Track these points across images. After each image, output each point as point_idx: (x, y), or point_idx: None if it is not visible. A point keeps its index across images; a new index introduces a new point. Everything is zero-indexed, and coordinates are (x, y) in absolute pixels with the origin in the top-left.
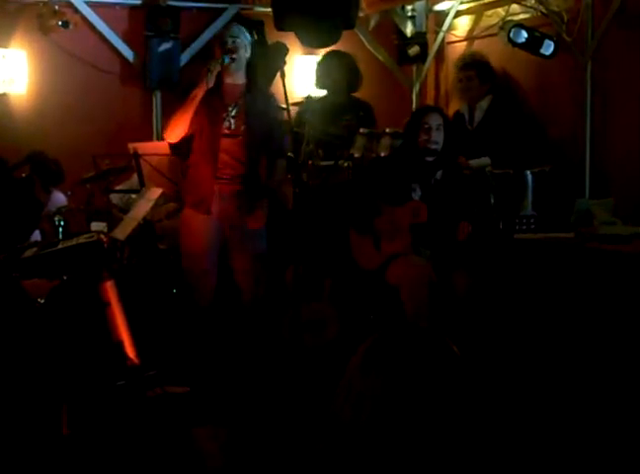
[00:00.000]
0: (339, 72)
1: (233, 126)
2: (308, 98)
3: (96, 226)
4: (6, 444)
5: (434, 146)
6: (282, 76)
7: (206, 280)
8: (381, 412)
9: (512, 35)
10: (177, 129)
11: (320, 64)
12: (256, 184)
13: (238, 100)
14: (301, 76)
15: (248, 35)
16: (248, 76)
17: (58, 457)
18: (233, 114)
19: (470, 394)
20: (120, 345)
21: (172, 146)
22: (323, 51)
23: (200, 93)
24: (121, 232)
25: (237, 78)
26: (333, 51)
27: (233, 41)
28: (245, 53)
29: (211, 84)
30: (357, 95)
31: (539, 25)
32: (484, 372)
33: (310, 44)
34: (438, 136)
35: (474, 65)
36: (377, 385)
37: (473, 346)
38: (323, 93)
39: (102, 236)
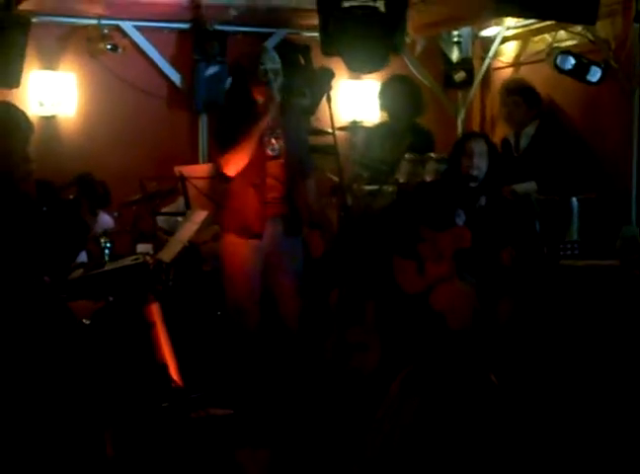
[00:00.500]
0: (402, 97)
1: (276, 149)
2: (353, 123)
3: (142, 248)
4: (52, 466)
5: (475, 172)
6: (329, 100)
7: (253, 305)
8: (413, 441)
9: (558, 61)
10: (240, 163)
11: (384, 87)
12: (295, 205)
13: (276, 122)
14: (347, 101)
15: (277, 57)
16: (282, 98)
17: None
18: (273, 136)
19: (507, 425)
20: (164, 367)
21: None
22: (370, 76)
23: (262, 125)
24: (167, 254)
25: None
26: (397, 75)
27: (273, 69)
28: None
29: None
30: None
31: (586, 51)
32: (524, 402)
33: (357, 69)
34: (480, 162)
35: (521, 91)
36: (410, 415)
37: (516, 374)
38: (378, 118)
39: (147, 258)
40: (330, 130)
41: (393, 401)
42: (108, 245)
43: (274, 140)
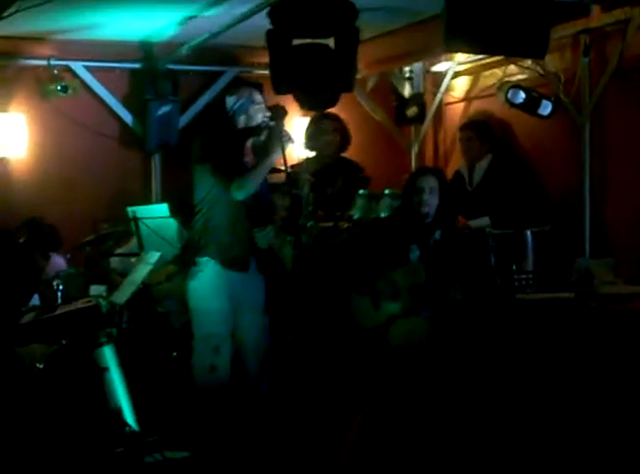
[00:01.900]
0: (328, 134)
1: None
2: (307, 160)
3: (95, 290)
4: None
5: (425, 209)
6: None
7: (228, 343)
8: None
9: (509, 95)
10: (250, 189)
11: (309, 127)
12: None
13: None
14: (300, 138)
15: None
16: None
17: None
18: None
19: (477, 456)
20: (118, 411)
21: (171, 209)
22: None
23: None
24: (120, 296)
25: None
26: (321, 114)
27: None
28: None
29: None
30: (349, 155)
31: (537, 85)
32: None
33: (308, 107)
34: (430, 199)
35: (473, 126)
36: (378, 445)
37: (474, 407)
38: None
39: (100, 301)
40: (283, 168)
41: (353, 442)
42: (60, 287)
43: None
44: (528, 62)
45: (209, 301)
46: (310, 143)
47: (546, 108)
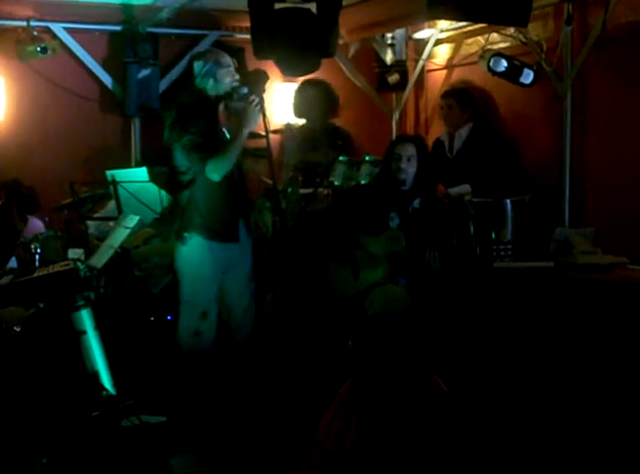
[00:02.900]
0: (316, 100)
1: None
2: (288, 125)
3: (73, 253)
4: None
5: (402, 176)
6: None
7: (214, 309)
8: (365, 444)
9: (491, 63)
10: (225, 169)
11: (297, 93)
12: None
13: (233, 126)
14: (281, 103)
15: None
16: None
17: None
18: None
19: (456, 428)
20: (95, 374)
21: (150, 173)
22: (302, 79)
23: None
24: (98, 260)
25: (223, 105)
26: (309, 80)
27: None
28: None
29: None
30: (337, 122)
31: (519, 54)
32: (468, 405)
33: (290, 73)
34: (408, 166)
35: (454, 93)
36: (362, 418)
37: (454, 375)
38: (301, 121)
39: (78, 264)
40: (264, 133)
41: (342, 405)
42: (38, 250)
43: None
44: (511, 30)
45: (196, 270)
46: (298, 110)
47: (528, 76)
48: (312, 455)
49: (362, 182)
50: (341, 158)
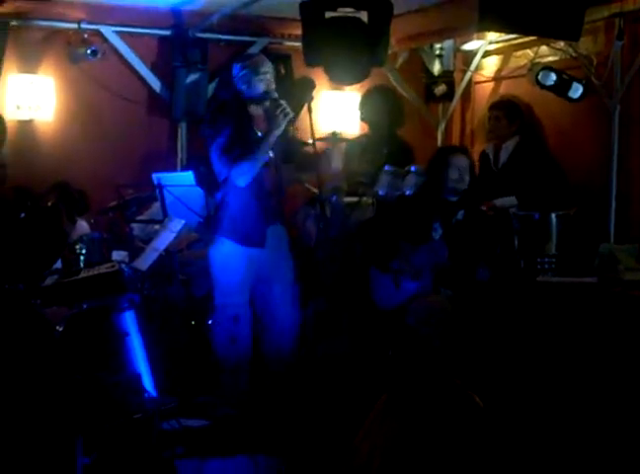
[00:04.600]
0: (383, 108)
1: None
2: (333, 134)
3: (117, 255)
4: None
5: (461, 186)
6: (309, 111)
7: (246, 314)
8: (395, 460)
9: (540, 77)
10: (250, 174)
11: (365, 98)
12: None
13: (265, 130)
14: (328, 111)
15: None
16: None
17: None
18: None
19: (493, 445)
20: (137, 376)
21: (197, 178)
22: (351, 87)
23: (273, 139)
24: (143, 262)
25: (261, 109)
26: (379, 86)
27: (272, 77)
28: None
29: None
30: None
31: (568, 67)
32: (507, 422)
33: (339, 80)
34: (465, 177)
35: (502, 105)
36: (395, 433)
37: (493, 390)
38: (358, 129)
39: (123, 266)
40: (310, 141)
41: (374, 422)
42: (83, 251)
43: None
44: (560, 44)
45: (226, 273)
46: (363, 115)
47: (577, 91)
48: (343, 469)
49: (407, 192)
50: (386, 168)
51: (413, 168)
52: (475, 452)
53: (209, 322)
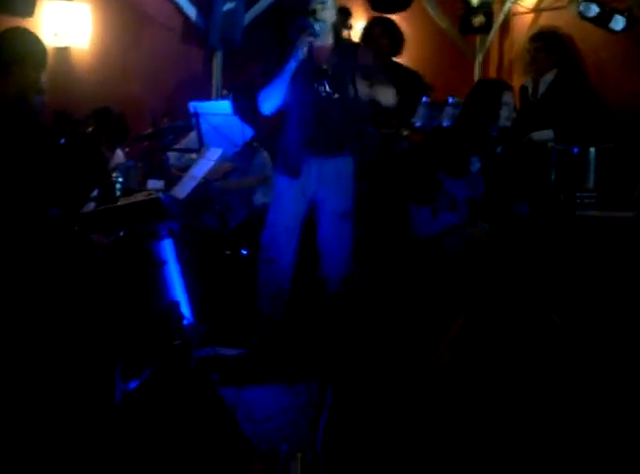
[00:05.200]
0: (377, 39)
1: (328, 90)
2: None
3: (153, 184)
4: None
5: (509, 123)
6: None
7: (287, 243)
8: (474, 377)
9: (582, 8)
10: (273, 101)
11: (363, 32)
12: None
13: (328, 62)
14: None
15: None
16: (336, 38)
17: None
18: (326, 77)
19: (571, 366)
20: (176, 303)
21: (234, 107)
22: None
23: (293, 63)
24: (182, 191)
25: (326, 40)
26: (375, 19)
27: (322, 6)
28: (332, 16)
29: (303, 56)
30: (410, 62)
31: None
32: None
33: (380, 9)
34: (514, 114)
35: (543, 37)
36: (475, 353)
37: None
38: None
39: (161, 194)
40: None
41: (456, 339)
42: (120, 179)
43: (325, 82)
44: None
45: (274, 204)
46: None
47: (618, 22)
48: (423, 381)
49: (445, 124)
50: (423, 99)
51: (450, 99)
52: (556, 368)
53: (244, 252)
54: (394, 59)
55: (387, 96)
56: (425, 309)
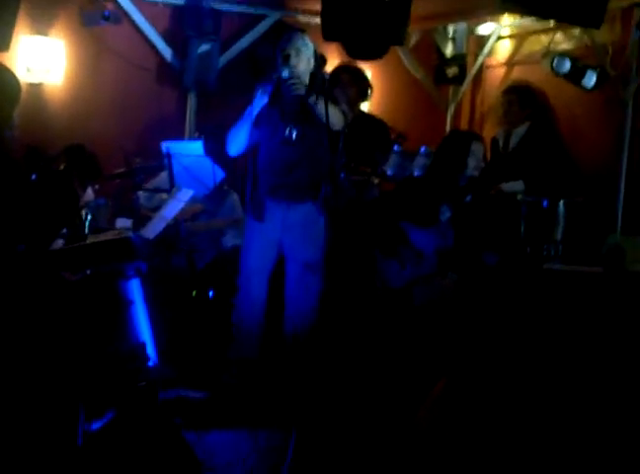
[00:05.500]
0: (345, 87)
1: (292, 134)
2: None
3: (121, 222)
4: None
5: (476, 173)
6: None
7: (257, 286)
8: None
9: (555, 64)
10: (238, 143)
11: (330, 79)
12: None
13: (296, 110)
14: None
15: (311, 45)
16: (310, 87)
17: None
18: (292, 122)
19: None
20: (142, 344)
21: (206, 149)
22: (364, 64)
23: (256, 107)
24: (151, 231)
25: (297, 87)
26: (343, 66)
27: (296, 52)
28: (307, 64)
29: (266, 101)
30: (383, 110)
31: (582, 56)
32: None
33: (356, 56)
34: (481, 164)
35: (516, 90)
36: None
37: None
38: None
39: (131, 234)
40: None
41: (435, 402)
42: (89, 217)
43: (291, 127)
44: (576, 32)
45: (244, 247)
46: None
47: (591, 79)
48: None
49: (416, 173)
50: (395, 148)
51: (422, 149)
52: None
53: (211, 293)
54: (361, 108)
55: (336, 118)
56: (393, 360)
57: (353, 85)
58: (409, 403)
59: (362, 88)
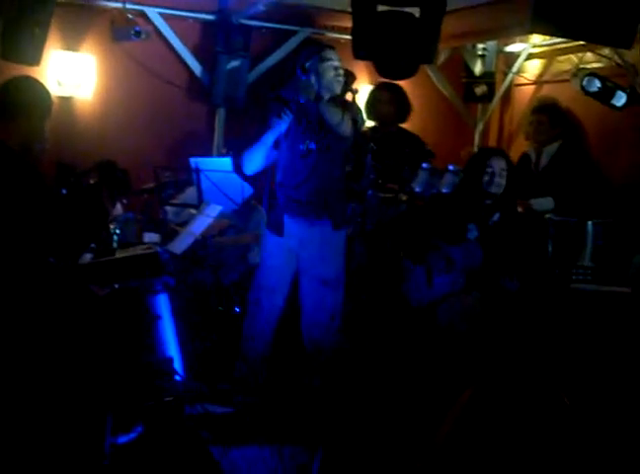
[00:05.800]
0: (385, 104)
1: (310, 148)
2: (368, 128)
3: (149, 237)
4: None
5: (495, 190)
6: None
7: (273, 303)
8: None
9: (584, 83)
10: (254, 163)
11: (368, 97)
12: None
13: (313, 121)
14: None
15: (336, 57)
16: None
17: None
18: (309, 135)
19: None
20: (169, 359)
21: (234, 165)
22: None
23: (274, 133)
24: (179, 246)
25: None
26: (381, 84)
27: (315, 71)
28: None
29: (285, 128)
30: (412, 128)
31: (612, 75)
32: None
33: (386, 75)
34: (501, 180)
35: (546, 109)
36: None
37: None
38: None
39: (159, 248)
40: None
41: (463, 413)
42: (117, 232)
43: (309, 141)
44: (606, 51)
45: (262, 262)
46: (368, 113)
47: (620, 99)
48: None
49: (444, 190)
50: (424, 165)
51: (450, 167)
52: (562, 449)
53: (237, 310)
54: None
55: (344, 125)
56: (417, 377)
57: (392, 104)
58: (433, 420)
59: (402, 108)
